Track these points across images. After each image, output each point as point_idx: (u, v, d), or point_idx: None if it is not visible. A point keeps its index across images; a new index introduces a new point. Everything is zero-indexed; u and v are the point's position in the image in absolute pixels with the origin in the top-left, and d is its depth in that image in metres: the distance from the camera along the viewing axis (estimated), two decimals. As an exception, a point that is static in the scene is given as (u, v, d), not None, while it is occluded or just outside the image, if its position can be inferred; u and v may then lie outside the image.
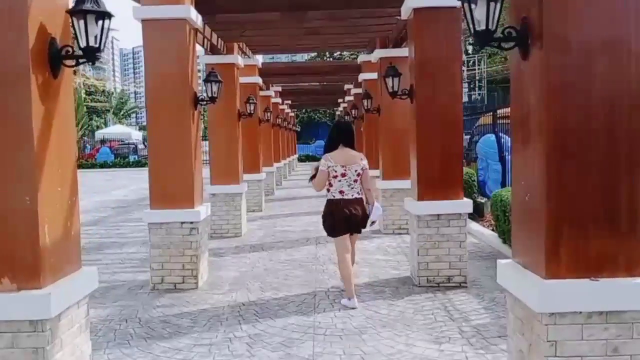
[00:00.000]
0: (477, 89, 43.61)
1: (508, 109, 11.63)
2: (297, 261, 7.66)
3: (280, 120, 18.57)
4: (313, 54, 35.32)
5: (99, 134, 44.53)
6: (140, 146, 39.86)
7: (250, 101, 9.88)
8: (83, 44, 2.78)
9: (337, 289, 6.11)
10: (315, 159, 36.58)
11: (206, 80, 6.31)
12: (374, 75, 11.99)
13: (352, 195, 5.55)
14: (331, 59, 35.59)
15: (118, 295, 6.14)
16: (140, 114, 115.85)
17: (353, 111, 13.45)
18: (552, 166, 2.78)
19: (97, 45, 2.81)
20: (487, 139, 10.82)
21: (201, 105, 6.30)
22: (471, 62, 44.22)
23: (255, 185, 12.94)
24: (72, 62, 2.90)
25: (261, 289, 6.22)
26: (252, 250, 8.52)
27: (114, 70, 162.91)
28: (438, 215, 6.18)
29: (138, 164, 35.97)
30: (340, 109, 24.84)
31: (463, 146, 6.33)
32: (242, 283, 6.51)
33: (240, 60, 9.73)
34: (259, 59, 12.98)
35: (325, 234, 5.96)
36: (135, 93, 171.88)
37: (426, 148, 6.23)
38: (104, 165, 35.57)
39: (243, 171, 12.55)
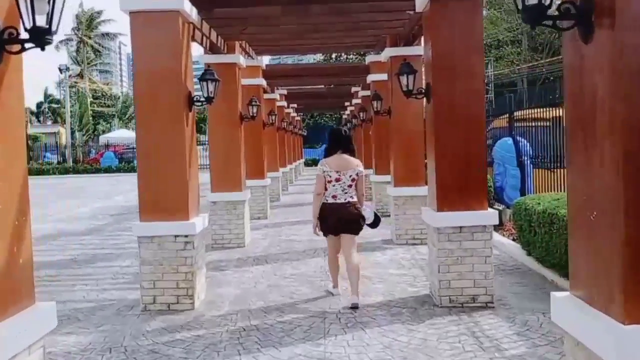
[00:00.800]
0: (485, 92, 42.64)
1: (524, 112, 11.07)
2: (304, 276, 7.05)
3: (285, 123, 17.97)
4: (319, 57, 34.82)
5: (103, 138, 43.94)
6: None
7: (253, 103, 9.28)
8: (29, 24, 2.18)
9: (349, 309, 5.49)
10: (322, 163, 35.86)
11: (201, 79, 5.69)
12: (383, 77, 11.40)
13: (345, 199, 5.76)
14: (338, 62, 35.09)
15: (104, 317, 5.53)
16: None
17: (361, 114, 12.83)
18: (632, 175, 2.15)
19: (46, 26, 2.21)
20: (504, 143, 10.17)
21: (196, 106, 5.70)
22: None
23: (259, 191, 12.35)
24: (17, 48, 2.30)
25: (264, 310, 5.59)
26: (255, 263, 7.91)
27: (121, 75, 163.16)
28: (460, 227, 5.54)
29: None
30: (348, 112, 24.21)
31: (486, 150, 5.69)
32: (244, 302, 5.89)
33: (242, 60, 9.14)
34: (263, 60, 12.40)
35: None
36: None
37: (445, 152, 5.59)
38: (108, 170, 35.10)
39: (246, 177, 11.97)
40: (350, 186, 5.73)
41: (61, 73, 38.60)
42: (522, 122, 10.59)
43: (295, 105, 23.86)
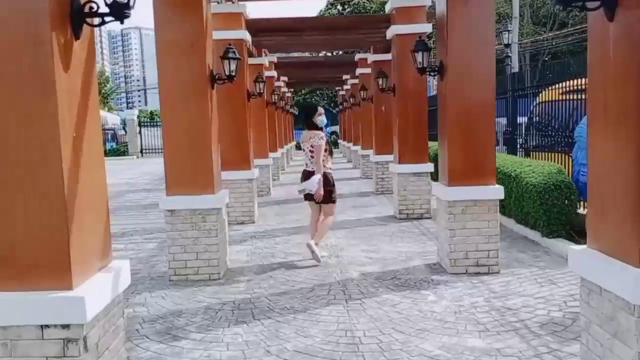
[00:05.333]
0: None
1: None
2: (318, 355, 3.92)
3: (276, 97, 14.70)
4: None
5: None
6: (121, 132, 35.70)
7: (230, 56, 5.99)
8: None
9: None
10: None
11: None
12: (416, 28, 8.33)
13: (311, 168, 6.42)
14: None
15: None
16: (119, 97, 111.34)
17: (380, 80, 9.62)
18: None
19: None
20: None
21: (91, 25, 2.52)
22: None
23: (244, 186, 9.18)
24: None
25: None
26: (235, 318, 4.75)
27: (102, 53, 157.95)
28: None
29: (115, 152, 31.97)
30: (348, 86, 20.88)
31: None
32: None
33: (209, -14, 5.86)
34: (246, 7, 9.10)
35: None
36: (126, 77, 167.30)
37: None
38: (77, 155, 31.41)
39: (223, 167, 8.80)
40: (312, 157, 6.37)
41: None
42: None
43: (285, 79, 20.56)
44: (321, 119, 6.54)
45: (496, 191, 5.81)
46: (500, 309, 4.77)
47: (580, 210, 7.03)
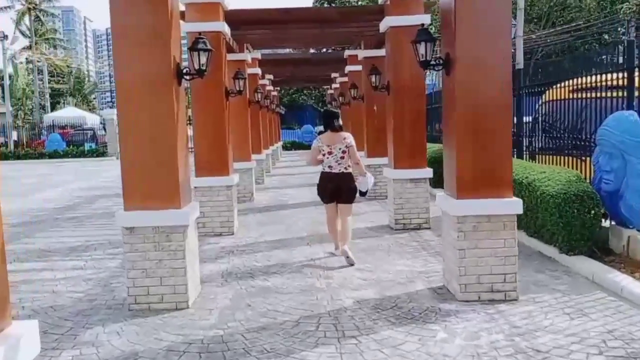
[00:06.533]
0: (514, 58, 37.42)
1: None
2: None
3: (260, 96, 13.76)
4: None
5: (48, 118, 38.26)
6: (100, 132, 34.46)
7: (199, 47, 5.05)
8: None
9: None
10: (302, 146, 32.03)
11: None
12: (414, 19, 7.50)
13: (340, 170, 6.43)
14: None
15: None
16: (104, 95, 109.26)
17: (373, 77, 8.76)
18: None
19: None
20: (623, 119, 6.20)
21: None
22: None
23: (221, 194, 8.25)
24: None
25: None
26: (200, 363, 3.86)
27: (87, 52, 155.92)
28: None
29: (94, 152, 30.76)
30: (337, 85, 19.98)
31: None
32: None
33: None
34: (226, -4, 8.17)
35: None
36: (110, 76, 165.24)
37: None
38: (53, 155, 30.00)
39: (197, 174, 7.98)
40: (342, 158, 6.39)
41: (-1, 41, 33.42)
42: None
43: (271, 77, 19.64)
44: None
45: (513, 205, 4.94)
46: (527, 352, 3.91)
47: (605, 224, 6.21)
